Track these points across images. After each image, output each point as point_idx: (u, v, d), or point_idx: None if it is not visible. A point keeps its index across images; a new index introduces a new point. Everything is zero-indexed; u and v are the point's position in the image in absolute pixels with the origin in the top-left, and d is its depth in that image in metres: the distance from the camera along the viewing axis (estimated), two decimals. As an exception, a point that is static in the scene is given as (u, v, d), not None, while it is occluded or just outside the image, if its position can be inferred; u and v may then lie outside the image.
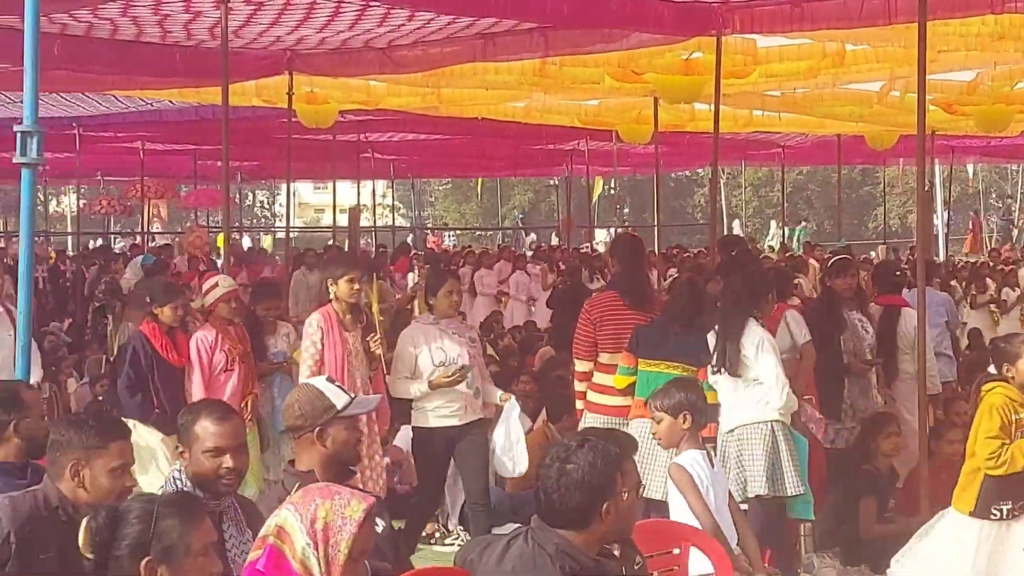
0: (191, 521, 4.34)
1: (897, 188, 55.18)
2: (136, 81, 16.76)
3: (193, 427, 5.51)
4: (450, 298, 10.05)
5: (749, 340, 9.22)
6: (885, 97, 19.10)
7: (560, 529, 4.80)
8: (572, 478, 4.77)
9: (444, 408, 9.94)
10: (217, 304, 10.97)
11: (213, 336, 10.83)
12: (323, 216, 66.08)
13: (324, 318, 9.73)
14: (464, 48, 14.43)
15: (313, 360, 9.61)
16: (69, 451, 5.25)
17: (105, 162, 34.48)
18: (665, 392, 7.64)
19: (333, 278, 9.79)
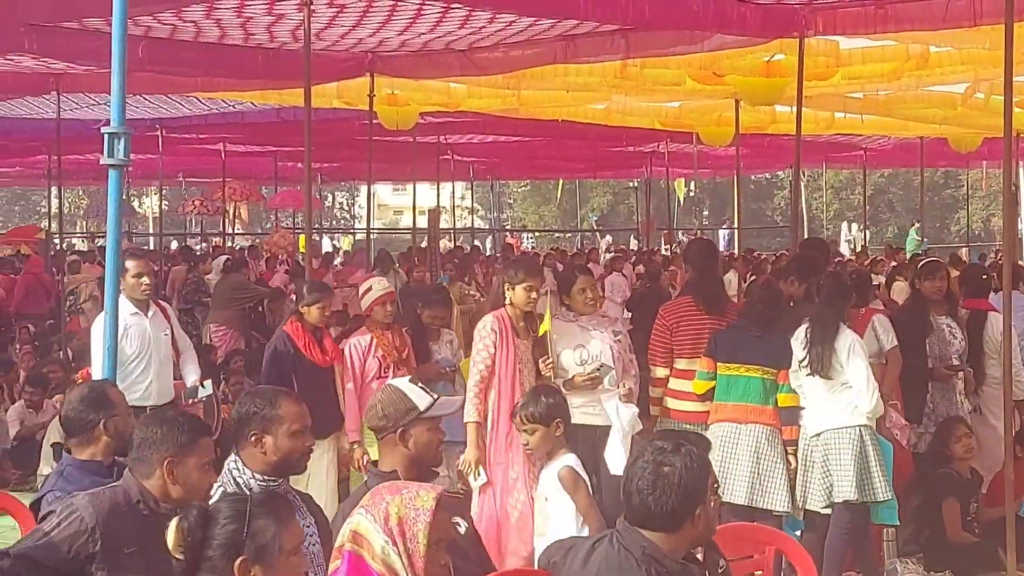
0: (282, 520, 4.38)
1: (980, 191, 54.63)
2: (219, 83, 16.87)
3: (277, 411, 5.55)
4: (584, 295, 9.51)
5: (841, 344, 9.17)
6: (969, 99, 18.92)
7: (648, 532, 4.77)
8: (669, 481, 4.71)
9: (588, 407, 9.32)
10: (372, 308, 10.62)
11: (367, 341, 10.47)
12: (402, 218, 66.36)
13: (498, 321, 9.23)
14: (545, 50, 14.42)
15: (485, 365, 9.11)
16: (161, 448, 5.31)
17: (187, 163, 34.81)
18: (533, 401, 7.76)
19: (511, 283, 9.25)
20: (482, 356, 9.11)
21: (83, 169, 30.45)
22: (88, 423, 6.32)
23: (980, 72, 16.65)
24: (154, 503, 5.27)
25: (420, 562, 4.25)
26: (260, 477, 5.49)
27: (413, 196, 30.90)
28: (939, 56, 15.78)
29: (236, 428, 5.63)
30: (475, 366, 9.14)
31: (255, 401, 5.64)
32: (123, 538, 5.15)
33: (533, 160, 36.76)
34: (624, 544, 4.78)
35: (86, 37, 12.96)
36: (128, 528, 5.17)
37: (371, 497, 4.37)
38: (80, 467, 6.28)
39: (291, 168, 33.99)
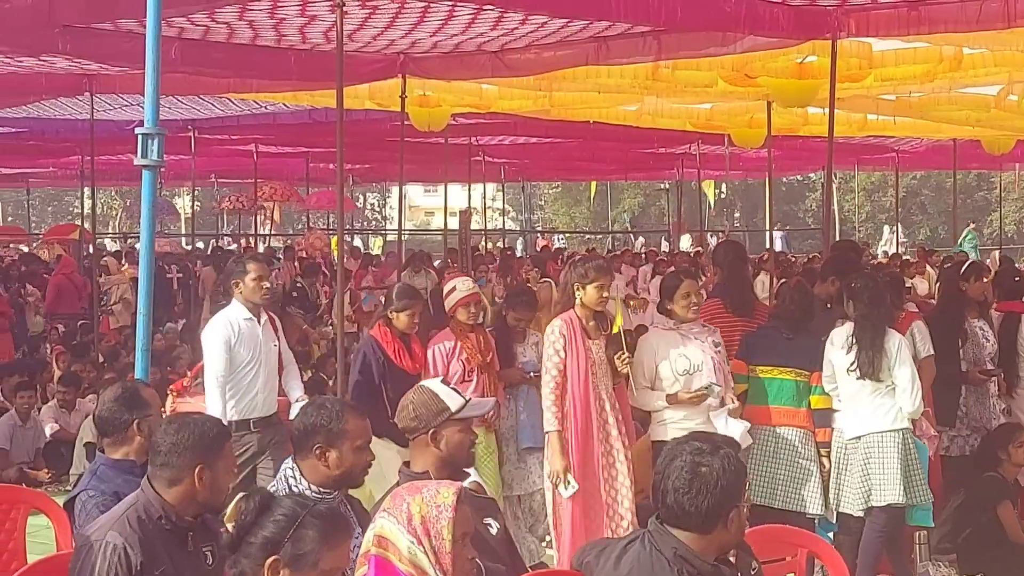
0: (331, 541, 4.37)
1: (1013, 193, 54.40)
2: (251, 84, 16.92)
3: (344, 425, 5.59)
4: (688, 300, 9.14)
5: (890, 346, 9.11)
6: (1003, 101, 18.87)
7: (680, 532, 4.77)
8: (707, 481, 4.71)
9: (688, 421, 8.97)
10: (455, 309, 10.22)
11: (451, 344, 10.13)
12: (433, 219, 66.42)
13: (567, 324, 8.94)
14: (577, 51, 14.41)
15: (557, 369, 8.86)
16: (193, 454, 5.31)
17: (219, 164, 34.94)
18: None
19: (582, 283, 8.97)
20: (553, 362, 8.89)
21: (116, 170, 30.60)
22: (122, 423, 6.35)
23: (1014, 74, 16.61)
24: (176, 516, 5.26)
25: (447, 558, 4.28)
26: (316, 489, 5.53)
27: (444, 197, 31.02)
28: (972, 58, 15.73)
29: (298, 438, 5.64)
30: (547, 373, 8.93)
31: (321, 413, 5.67)
32: (154, 558, 5.14)
33: (564, 161, 36.76)
34: (656, 544, 4.79)
35: (120, 38, 13.01)
36: (156, 547, 5.16)
37: (392, 500, 4.40)
38: (113, 466, 6.31)
39: (323, 169, 34.06)
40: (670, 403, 8.98)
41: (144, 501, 5.27)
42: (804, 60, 15.53)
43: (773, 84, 16.58)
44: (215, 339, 9.74)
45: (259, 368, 9.86)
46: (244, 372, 9.78)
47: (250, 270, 9.88)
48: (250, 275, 9.86)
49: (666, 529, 4.80)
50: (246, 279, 9.84)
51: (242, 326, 9.81)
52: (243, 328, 9.81)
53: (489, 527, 5.72)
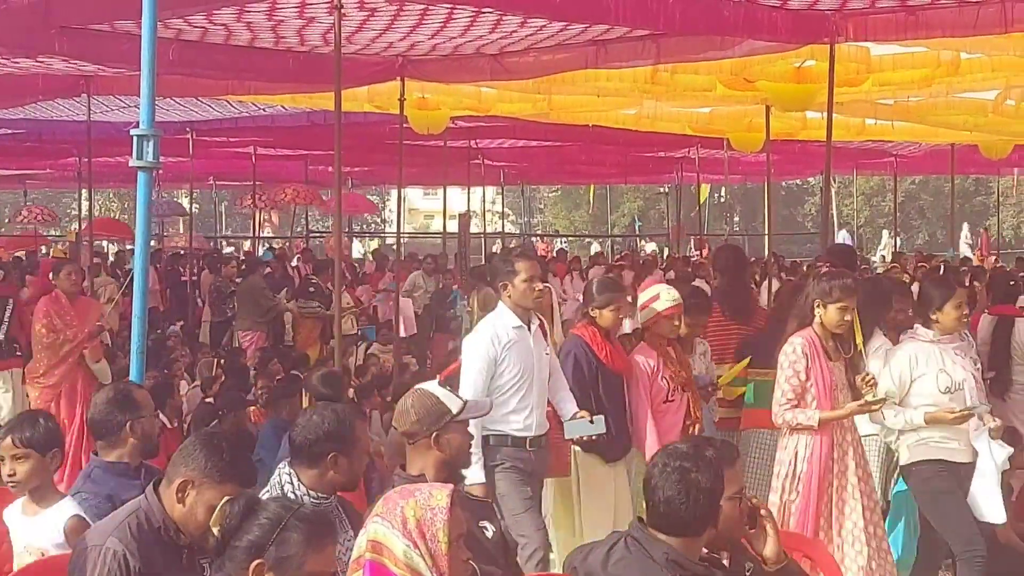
0: (315, 543, 4.38)
1: (1011, 198, 54.40)
2: (249, 86, 16.91)
3: (356, 433, 5.69)
4: (960, 311, 8.54)
5: (870, 348, 9.01)
6: (1000, 106, 18.89)
7: (668, 536, 4.79)
8: (699, 487, 4.76)
9: (949, 441, 8.51)
10: (658, 320, 9.26)
11: (655, 360, 9.24)
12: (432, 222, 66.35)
13: (808, 344, 8.24)
14: (576, 55, 14.41)
15: (794, 392, 8.19)
16: (187, 465, 5.21)
17: (217, 166, 34.88)
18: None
19: (823, 301, 8.26)
20: (791, 384, 8.21)
21: (114, 172, 30.53)
22: (115, 425, 6.33)
23: (1011, 79, 16.61)
24: (175, 532, 5.20)
25: (444, 560, 4.28)
26: (314, 494, 5.55)
27: (444, 201, 31.01)
28: (970, 63, 15.74)
29: (308, 445, 5.62)
30: (781, 393, 8.27)
31: (334, 420, 5.67)
32: (152, 566, 5.10)
33: (564, 165, 36.72)
34: (644, 549, 4.81)
35: (117, 39, 13.00)
36: (154, 555, 5.12)
37: (384, 504, 4.39)
38: (107, 469, 6.29)
39: (322, 172, 34.00)
40: (928, 422, 8.40)
41: (146, 508, 5.21)
42: (802, 64, 15.53)
43: (772, 88, 16.58)
44: (477, 355, 8.61)
45: (530, 384, 8.67)
46: (511, 392, 8.61)
47: (520, 270, 8.69)
48: (520, 276, 8.68)
49: (653, 534, 4.81)
50: (516, 280, 8.67)
51: (510, 336, 8.64)
52: (511, 338, 8.64)
53: (485, 530, 5.73)
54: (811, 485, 8.03)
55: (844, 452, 8.15)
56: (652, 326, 9.25)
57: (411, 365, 17.20)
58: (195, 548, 5.22)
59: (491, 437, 8.47)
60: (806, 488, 8.05)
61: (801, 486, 8.07)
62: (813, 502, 8.03)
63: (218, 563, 4.39)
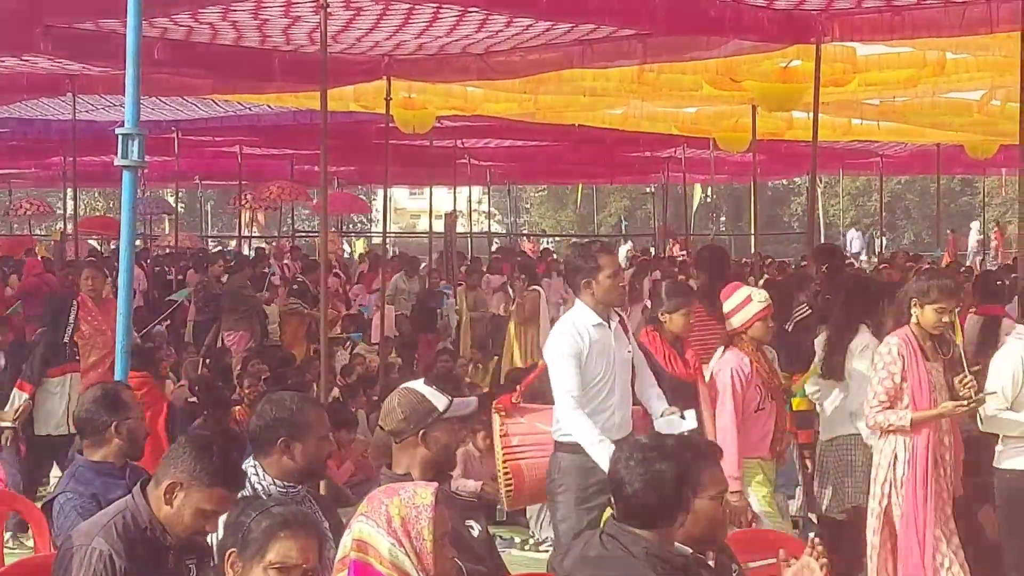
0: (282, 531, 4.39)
1: (997, 198, 54.48)
2: (235, 85, 16.90)
3: (307, 418, 5.62)
4: None
5: (853, 346, 9.00)
6: (986, 106, 18.93)
7: (643, 530, 4.79)
8: (665, 477, 4.76)
9: None
10: (752, 323, 8.82)
11: (749, 365, 8.74)
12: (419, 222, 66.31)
13: (904, 344, 7.94)
14: (562, 55, 14.41)
15: (887, 395, 7.93)
16: (176, 467, 5.15)
17: (203, 166, 34.86)
18: None
19: (920, 301, 7.97)
20: (885, 386, 7.94)
21: (99, 171, 30.49)
22: (100, 424, 6.31)
23: (997, 79, 16.64)
24: (161, 533, 5.14)
25: (429, 558, 4.27)
26: (281, 483, 5.52)
27: (430, 200, 30.99)
28: (956, 63, 15.78)
29: (259, 434, 5.62)
30: (874, 395, 8.02)
31: (281, 407, 5.66)
32: (137, 566, 5.06)
33: (550, 165, 36.74)
34: (622, 544, 4.81)
35: (102, 38, 12.98)
36: (140, 556, 5.08)
37: (368, 503, 4.38)
38: (92, 468, 6.27)
39: (308, 171, 33.99)
40: None
41: (133, 508, 5.16)
42: (789, 64, 15.55)
43: (758, 88, 16.61)
44: (562, 353, 8.11)
45: (612, 384, 8.20)
46: (596, 389, 8.15)
47: (604, 265, 8.18)
48: (604, 271, 8.17)
49: (629, 529, 4.82)
50: (600, 276, 8.14)
51: (592, 334, 8.15)
52: (593, 336, 8.15)
53: (471, 529, 5.71)
54: (915, 491, 7.84)
55: (942, 455, 7.94)
56: (747, 329, 8.82)
57: (397, 365, 17.17)
58: (181, 549, 5.19)
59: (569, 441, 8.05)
60: (910, 493, 7.85)
61: (905, 490, 7.87)
62: (921, 508, 7.81)
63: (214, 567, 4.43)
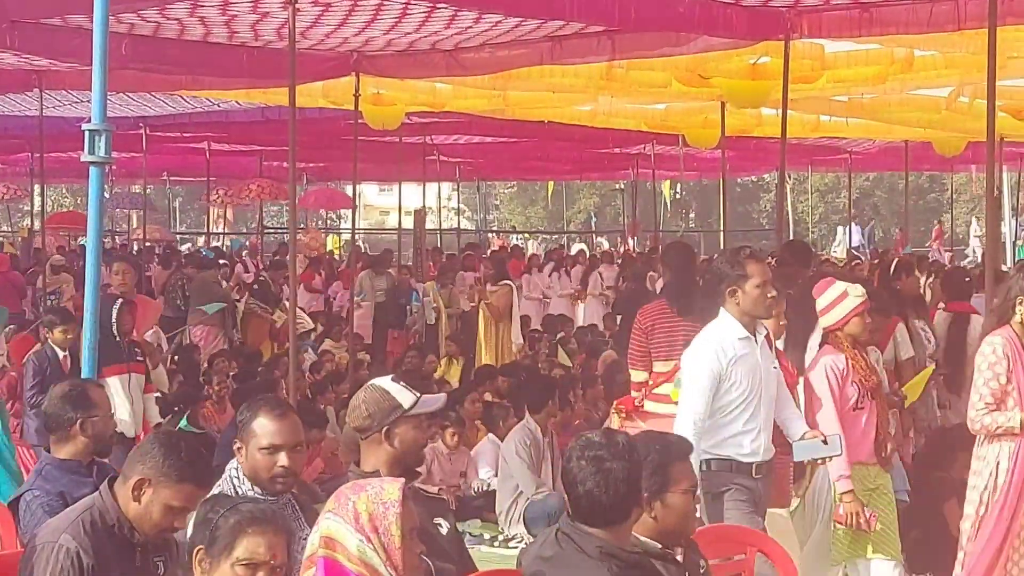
0: (249, 529, 4.35)
1: (964, 195, 54.70)
2: (203, 82, 16.83)
3: (251, 423, 5.53)
4: None
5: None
6: (953, 103, 18.97)
7: (598, 529, 4.80)
8: (615, 476, 4.79)
9: None
10: (849, 319, 8.34)
11: (844, 362, 8.24)
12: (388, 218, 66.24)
13: (1008, 344, 7.60)
14: (531, 51, 14.41)
15: (993, 396, 7.57)
16: (144, 463, 5.13)
17: (171, 162, 34.74)
18: None
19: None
20: (990, 387, 7.59)
21: (67, 167, 30.39)
22: (65, 421, 6.29)
23: (964, 76, 16.70)
24: (129, 530, 5.12)
25: (397, 554, 4.28)
26: (257, 489, 5.49)
27: (399, 196, 30.96)
28: (923, 60, 15.81)
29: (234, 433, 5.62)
30: (980, 396, 7.67)
31: (243, 409, 5.63)
32: (104, 564, 5.03)
33: (519, 161, 36.76)
34: (576, 544, 4.83)
35: (69, 34, 12.92)
36: (108, 553, 5.05)
37: (335, 500, 4.37)
38: (59, 466, 6.24)
39: (277, 168, 33.93)
40: None
41: (100, 506, 5.14)
42: (757, 61, 15.58)
43: (727, 85, 16.63)
44: (700, 371, 7.71)
45: (757, 404, 7.75)
46: (739, 410, 7.72)
47: (752, 273, 7.67)
48: (752, 280, 7.67)
49: (583, 528, 4.83)
50: (747, 286, 7.65)
51: (738, 349, 7.69)
52: (737, 352, 7.70)
53: (439, 527, 5.70)
54: (1008, 497, 7.56)
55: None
56: (841, 327, 8.40)
57: (366, 361, 17.15)
58: (149, 546, 5.17)
59: (713, 462, 7.65)
60: (1003, 498, 7.58)
61: (999, 496, 7.60)
62: (1007, 517, 7.54)
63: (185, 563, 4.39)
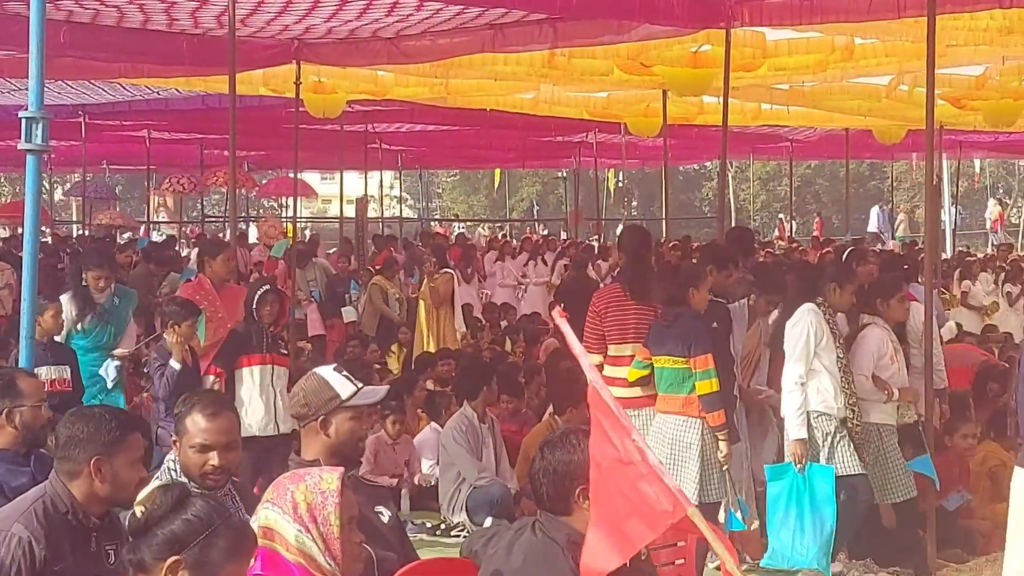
0: (237, 554, 4.18)
1: (905, 183, 55.02)
2: (143, 69, 16.71)
3: (184, 420, 5.52)
4: None
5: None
6: (893, 91, 19.09)
7: (567, 518, 4.83)
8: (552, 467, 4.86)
9: None
10: None
11: None
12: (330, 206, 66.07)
13: None
14: (473, 39, 14.38)
15: None
16: (89, 447, 5.11)
17: (111, 151, 34.53)
18: None
19: None
20: None
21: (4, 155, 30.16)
22: None
23: (904, 64, 16.79)
24: (83, 515, 5.10)
25: (336, 544, 4.27)
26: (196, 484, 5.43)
27: (340, 185, 30.85)
28: (864, 48, 15.89)
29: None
30: None
31: (180, 405, 5.60)
32: (57, 552, 5.00)
33: (462, 149, 36.73)
34: (547, 532, 4.86)
35: (6, 21, 12.80)
36: (61, 541, 5.02)
37: (274, 490, 4.35)
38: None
39: (218, 156, 33.75)
40: None
41: (52, 494, 5.11)
42: (699, 49, 15.61)
43: (668, 73, 16.64)
44: None
45: None
46: None
47: None
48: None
49: (555, 517, 4.88)
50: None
51: None
52: None
53: (380, 515, 5.68)
54: None
55: None
56: None
57: (307, 351, 17.08)
58: (102, 533, 5.15)
59: None
60: None
61: None
62: None
63: (132, 545, 4.22)
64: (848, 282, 9.73)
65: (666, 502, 4.32)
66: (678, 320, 9.50)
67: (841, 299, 9.68)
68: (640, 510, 4.37)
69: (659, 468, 4.32)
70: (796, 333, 9.47)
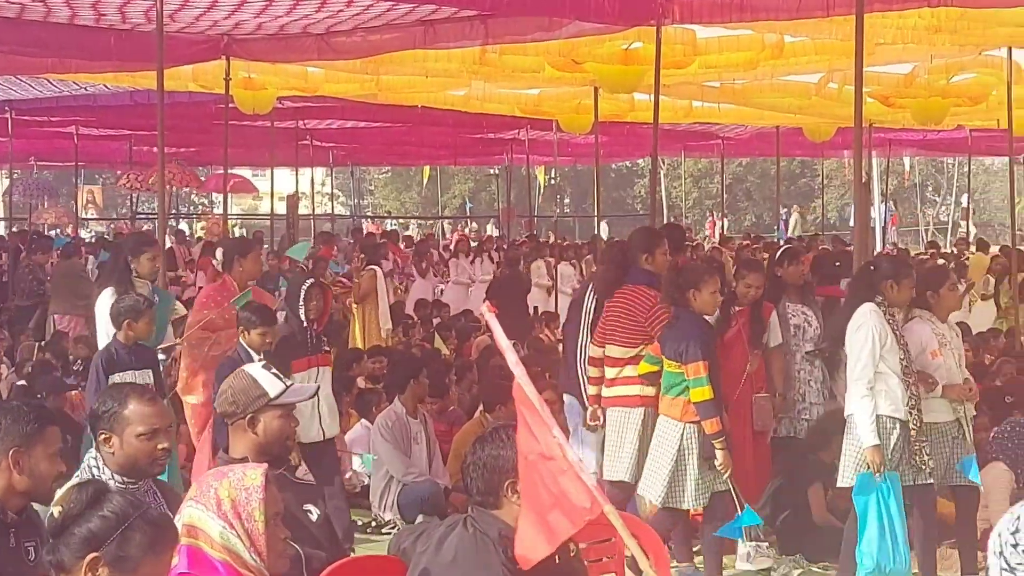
0: (156, 547, 4.15)
1: (835, 181, 55.41)
2: (70, 65, 16.55)
3: (123, 411, 5.45)
4: None
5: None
6: (823, 89, 19.19)
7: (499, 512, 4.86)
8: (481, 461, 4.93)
9: None
10: None
11: None
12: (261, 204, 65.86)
13: None
14: (403, 35, 14.35)
15: None
16: (7, 440, 5.06)
17: (38, 147, 34.23)
18: None
19: None
20: None
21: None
22: None
23: (834, 62, 16.89)
24: (1, 510, 5.03)
25: (261, 540, 4.27)
26: (120, 478, 5.40)
27: (271, 182, 30.70)
28: (794, 46, 15.96)
29: (91, 424, 5.54)
30: None
31: (105, 400, 5.54)
32: None
33: (393, 146, 36.64)
34: (479, 526, 4.89)
35: (-69, 16, 12.69)
36: None
37: (197, 487, 4.33)
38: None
39: (146, 152, 33.51)
40: None
41: None
42: (630, 46, 15.64)
43: (599, 70, 16.66)
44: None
45: None
46: None
47: None
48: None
49: (486, 511, 4.91)
50: None
51: None
52: None
53: (309, 513, 5.66)
54: None
55: None
56: None
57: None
58: (21, 530, 5.08)
59: None
60: None
61: None
62: None
63: (51, 546, 4.18)
64: (905, 277, 9.32)
65: (585, 499, 4.38)
66: (677, 322, 9.44)
67: (899, 295, 9.23)
68: (561, 504, 4.47)
69: (578, 465, 4.38)
70: (860, 338, 8.97)
